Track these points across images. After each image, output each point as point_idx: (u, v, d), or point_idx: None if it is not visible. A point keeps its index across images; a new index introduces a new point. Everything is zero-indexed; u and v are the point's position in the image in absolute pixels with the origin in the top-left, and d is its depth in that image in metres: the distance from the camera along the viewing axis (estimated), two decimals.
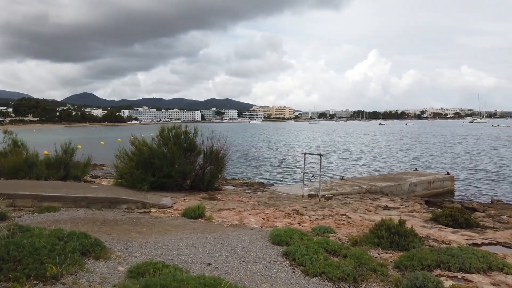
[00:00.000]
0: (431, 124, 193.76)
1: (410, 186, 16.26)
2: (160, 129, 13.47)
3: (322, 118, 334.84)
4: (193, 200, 11.64)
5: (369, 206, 11.44)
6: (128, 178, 12.23)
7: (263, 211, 10.06)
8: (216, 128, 14.72)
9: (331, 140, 66.69)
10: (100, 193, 10.47)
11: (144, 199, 10.68)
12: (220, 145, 14.11)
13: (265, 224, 8.64)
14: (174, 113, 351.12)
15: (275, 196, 12.86)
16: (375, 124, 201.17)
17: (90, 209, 9.80)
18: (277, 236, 6.74)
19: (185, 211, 9.32)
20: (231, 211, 10.09)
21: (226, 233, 7.50)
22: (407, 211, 11.12)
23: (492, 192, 18.44)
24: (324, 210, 10.48)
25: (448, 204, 13.13)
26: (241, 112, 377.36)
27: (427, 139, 68.67)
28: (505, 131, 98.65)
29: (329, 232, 7.69)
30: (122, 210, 10.04)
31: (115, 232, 7.40)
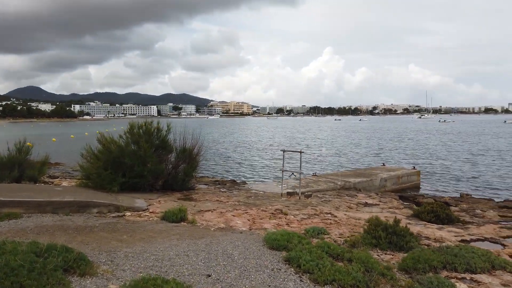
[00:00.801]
0: (382, 120, 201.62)
1: (381, 181, 16.47)
2: (130, 126, 12.62)
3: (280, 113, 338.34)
4: (169, 202, 10.99)
5: (350, 203, 11.35)
6: (96, 179, 11.33)
7: (246, 212, 9.63)
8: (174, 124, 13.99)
9: (292, 136, 67.26)
10: (67, 196, 9.56)
11: (116, 202, 9.89)
12: (193, 142, 13.47)
13: (253, 226, 8.23)
14: (129, 108, 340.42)
15: (252, 195, 12.47)
16: (331, 120, 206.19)
17: (57, 214, 8.90)
18: (274, 241, 6.35)
19: (165, 215, 8.70)
20: (212, 212, 9.57)
21: (216, 238, 7.01)
22: (387, 207, 11.14)
23: (455, 186, 19.15)
24: (307, 209, 10.22)
25: (423, 200, 13.38)
26: (199, 108, 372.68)
27: (383, 134, 71.07)
28: (451, 126, 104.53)
29: (323, 233, 7.41)
30: (93, 214, 9.22)
31: (93, 241, 6.68)
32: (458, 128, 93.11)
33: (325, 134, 73.39)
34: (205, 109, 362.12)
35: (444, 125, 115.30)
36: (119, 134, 12.96)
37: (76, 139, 57.88)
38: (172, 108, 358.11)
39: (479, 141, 49.70)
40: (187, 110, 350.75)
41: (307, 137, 63.93)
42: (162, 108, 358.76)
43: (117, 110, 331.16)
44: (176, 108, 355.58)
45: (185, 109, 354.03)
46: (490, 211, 11.07)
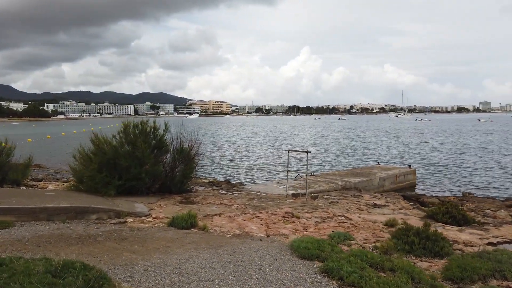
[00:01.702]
0: (360, 119, 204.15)
1: (379, 181, 16.24)
2: (124, 125, 11.86)
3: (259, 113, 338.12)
4: (170, 206, 10.34)
5: (358, 205, 10.98)
6: (89, 182, 10.55)
7: (257, 216, 9.10)
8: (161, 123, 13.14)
9: (275, 136, 66.87)
10: (62, 201, 8.80)
11: (115, 207, 9.19)
12: (191, 142, 12.83)
13: (270, 232, 7.71)
14: (105, 107, 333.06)
15: (255, 197, 11.94)
16: (311, 119, 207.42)
17: (53, 222, 8.15)
18: (304, 249, 5.85)
19: (173, 220, 8.08)
20: (221, 217, 9.00)
21: (236, 247, 6.46)
22: (397, 208, 10.84)
23: (450, 184, 19.14)
24: (318, 212, 9.78)
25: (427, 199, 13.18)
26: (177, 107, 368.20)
27: (364, 133, 71.67)
28: (428, 125, 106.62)
29: (349, 239, 6.97)
30: (92, 221, 8.50)
31: (102, 253, 6.02)
32: (435, 126, 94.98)
33: (307, 133, 73.44)
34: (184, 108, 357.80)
35: (421, 124, 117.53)
36: (112, 134, 12.18)
37: (53, 139, 55.80)
38: (150, 107, 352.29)
39: (461, 139, 50.62)
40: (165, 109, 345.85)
41: (290, 136, 63.74)
42: (139, 107, 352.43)
43: (93, 109, 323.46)
44: (153, 107, 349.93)
45: (163, 108, 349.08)
46: (502, 211, 10.93)
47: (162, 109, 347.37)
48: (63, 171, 23.23)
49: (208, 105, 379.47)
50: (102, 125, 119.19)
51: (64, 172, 22.96)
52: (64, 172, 22.96)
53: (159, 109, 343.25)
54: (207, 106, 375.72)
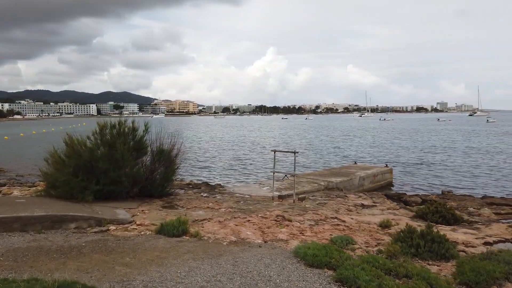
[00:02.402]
0: (327, 118, 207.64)
1: (359, 180, 16.27)
2: (100, 126, 11.13)
3: (226, 112, 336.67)
4: (153, 211, 9.76)
5: (347, 206, 10.83)
6: (65, 188, 9.78)
7: (248, 220, 8.73)
8: None
9: (245, 135, 66.54)
10: (36, 210, 8.04)
11: (96, 214, 8.53)
12: (171, 143, 12.26)
13: (267, 238, 7.36)
14: (65, 107, 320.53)
15: (241, 200, 11.55)
16: (278, 118, 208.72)
17: (27, 232, 7.42)
18: (312, 256, 5.54)
19: (163, 227, 7.55)
20: (210, 222, 8.56)
21: (237, 255, 6.06)
22: (385, 208, 10.78)
23: (425, 182, 19.52)
24: (308, 214, 9.53)
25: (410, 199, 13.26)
26: (142, 106, 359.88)
27: (332, 132, 72.76)
28: (392, 124, 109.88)
29: (351, 243, 6.73)
30: (71, 230, 7.83)
31: (92, 267, 5.46)
32: (399, 126, 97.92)
33: (277, 133, 73.58)
34: (149, 108, 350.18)
35: (385, 123, 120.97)
36: (87, 136, 11.38)
37: (10, 141, 52.73)
38: (113, 107, 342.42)
39: (426, 138, 52.27)
40: (129, 109, 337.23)
41: (260, 136, 63.61)
42: (102, 107, 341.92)
43: (52, 109, 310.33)
44: (117, 107, 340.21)
45: (127, 108, 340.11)
46: (485, 209, 11.13)
47: (126, 108, 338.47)
48: (26, 175, 21.85)
49: (174, 105, 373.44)
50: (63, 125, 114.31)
51: (28, 176, 21.62)
52: (28, 176, 21.62)
53: (123, 109, 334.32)
54: (173, 106, 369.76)
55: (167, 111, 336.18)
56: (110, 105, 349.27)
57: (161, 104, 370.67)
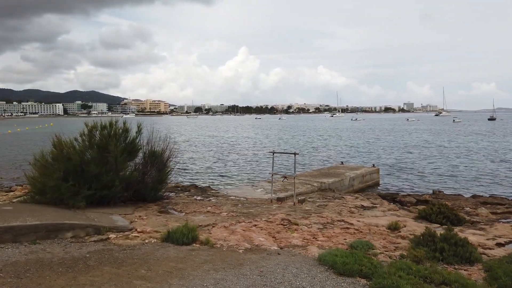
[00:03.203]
0: (299, 118, 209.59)
1: (349, 181, 16.25)
2: (89, 126, 10.50)
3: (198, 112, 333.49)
4: (151, 217, 9.27)
5: (348, 207, 10.69)
6: (54, 193, 9.13)
7: (254, 225, 8.41)
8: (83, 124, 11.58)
9: (220, 135, 65.84)
10: (28, 218, 7.41)
11: (93, 222, 7.98)
12: (163, 144, 11.75)
13: (281, 244, 7.07)
14: (30, 106, 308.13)
15: (238, 203, 11.20)
16: (251, 118, 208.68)
17: (21, 243, 6.81)
18: (342, 264, 5.30)
19: (170, 235, 7.12)
20: (216, 227, 8.18)
21: (259, 264, 5.74)
22: (386, 210, 10.72)
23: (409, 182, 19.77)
24: (313, 217, 9.32)
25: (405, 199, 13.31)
26: (112, 106, 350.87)
27: (307, 132, 73.28)
28: (364, 124, 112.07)
29: (371, 248, 6.54)
30: (68, 240, 7.26)
31: (106, 283, 5.01)
32: (371, 125, 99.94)
33: (252, 133, 73.33)
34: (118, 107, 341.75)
35: (357, 123, 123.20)
36: (74, 137, 10.71)
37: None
38: (81, 106, 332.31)
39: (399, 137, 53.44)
40: (98, 109, 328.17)
41: (236, 136, 63.07)
42: (69, 107, 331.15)
43: (15, 108, 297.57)
44: (85, 107, 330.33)
45: (95, 108, 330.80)
46: (482, 209, 11.29)
47: (95, 108, 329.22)
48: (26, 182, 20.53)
49: (145, 104, 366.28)
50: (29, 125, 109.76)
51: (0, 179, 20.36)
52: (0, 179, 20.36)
53: (91, 109, 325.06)
54: (144, 106, 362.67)
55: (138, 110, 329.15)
56: (77, 104, 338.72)
57: (131, 104, 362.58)
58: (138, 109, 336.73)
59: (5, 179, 20.16)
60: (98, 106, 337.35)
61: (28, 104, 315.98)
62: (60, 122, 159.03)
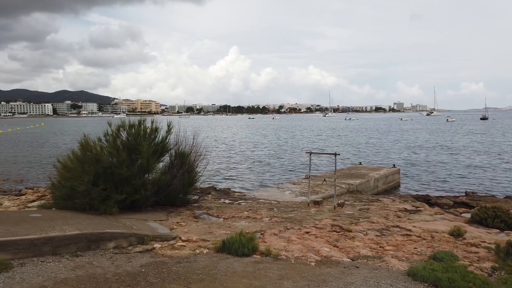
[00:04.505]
0: (291, 118, 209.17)
1: (374, 182, 15.72)
2: (118, 126, 9.76)
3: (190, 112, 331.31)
4: (190, 223, 8.58)
5: (392, 211, 10.10)
6: (84, 198, 8.38)
7: (305, 232, 7.78)
8: (75, 124, 10.81)
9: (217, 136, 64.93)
10: (65, 227, 6.68)
11: (135, 230, 7.27)
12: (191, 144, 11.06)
13: (349, 254, 6.43)
14: (18, 106, 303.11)
15: (273, 207, 10.56)
16: (244, 118, 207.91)
17: (61, 256, 6.09)
18: (448, 281, 4.68)
19: (225, 245, 6.44)
20: (266, 235, 7.52)
21: (346, 281, 5.10)
22: (432, 213, 10.16)
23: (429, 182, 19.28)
24: (363, 222, 8.71)
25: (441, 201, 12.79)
26: (102, 106, 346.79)
27: (304, 132, 72.83)
28: (359, 124, 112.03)
29: (456, 259, 5.95)
30: (110, 251, 6.55)
31: None
32: (366, 125, 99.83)
33: (249, 133, 72.63)
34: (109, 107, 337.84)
35: (352, 123, 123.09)
36: (97, 137, 9.94)
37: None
38: (71, 106, 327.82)
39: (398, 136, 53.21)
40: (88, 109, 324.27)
41: (232, 137, 62.10)
42: (59, 106, 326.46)
43: (3, 108, 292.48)
44: (75, 106, 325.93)
45: (85, 108, 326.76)
46: None
47: (85, 108, 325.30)
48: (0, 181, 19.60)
49: (135, 104, 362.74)
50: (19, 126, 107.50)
51: (2, 182, 19.41)
52: (2, 182, 19.41)
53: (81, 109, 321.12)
54: (135, 105, 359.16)
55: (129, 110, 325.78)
56: (67, 104, 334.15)
57: (121, 104, 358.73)
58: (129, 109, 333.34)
59: (10, 181, 19.22)
60: (88, 106, 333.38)
61: (17, 104, 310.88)
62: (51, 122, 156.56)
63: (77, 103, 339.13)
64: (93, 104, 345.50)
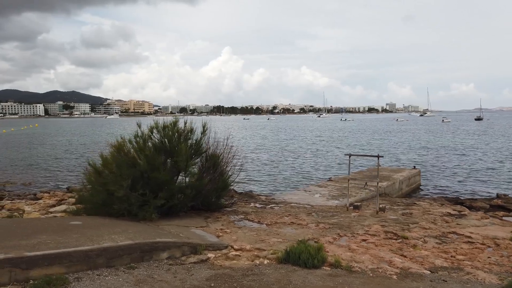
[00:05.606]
0: (286, 119, 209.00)
1: (399, 184, 15.37)
2: (151, 126, 9.27)
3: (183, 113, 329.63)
4: (235, 229, 8.12)
5: (438, 216, 9.71)
6: (122, 204, 7.88)
7: (362, 239, 7.37)
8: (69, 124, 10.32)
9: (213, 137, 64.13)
10: (115, 237, 6.18)
11: (185, 238, 6.78)
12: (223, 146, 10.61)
13: (423, 264, 6.02)
14: (9, 107, 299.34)
15: (310, 211, 10.11)
16: (239, 119, 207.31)
17: (117, 269, 5.59)
18: None
19: (289, 255, 5.99)
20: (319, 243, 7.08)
21: None
22: (479, 217, 9.80)
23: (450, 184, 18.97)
24: (416, 229, 8.31)
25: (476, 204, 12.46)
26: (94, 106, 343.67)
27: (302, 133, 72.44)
28: (356, 124, 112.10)
29: None
30: (165, 262, 6.06)
31: None
32: (363, 126, 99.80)
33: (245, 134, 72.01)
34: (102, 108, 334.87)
35: (348, 123, 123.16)
36: (128, 139, 9.42)
37: None
38: (63, 107, 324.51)
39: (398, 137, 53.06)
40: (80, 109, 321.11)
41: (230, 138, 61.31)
42: (50, 107, 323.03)
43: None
44: (67, 107, 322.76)
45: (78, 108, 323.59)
46: None
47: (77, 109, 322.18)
48: (7, 184, 18.91)
49: (128, 105, 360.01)
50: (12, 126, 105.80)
51: (9, 185, 18.73)
52: (9, 185, 18.73)
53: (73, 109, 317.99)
54: (128, 106, 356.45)
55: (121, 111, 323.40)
56: (59, 105, 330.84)
57: (114, 104, 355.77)
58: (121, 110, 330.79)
59: (18, 184, 18.55)
60: (81, 107, 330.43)
61: (8, 104, 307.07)
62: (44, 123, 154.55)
63: (69, 104, 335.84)
64: (86, 105, 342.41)
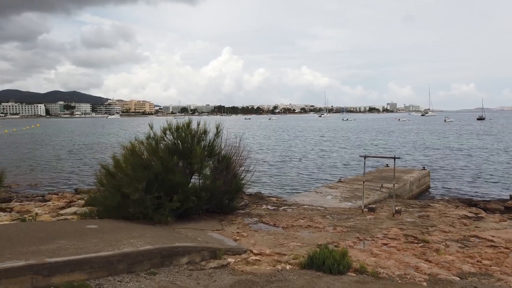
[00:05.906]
0: (288, 119, 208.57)
1: (410, 185, 15.22)
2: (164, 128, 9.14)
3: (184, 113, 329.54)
4: (250, 232, 7.99)
5: (456, 219, 9.56)
6: (138, 207, 7.74)
7: (382, 243, 7.23)
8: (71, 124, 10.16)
9: None
10: (134, 241, 6.04)
11: (204, 243, 6.65)
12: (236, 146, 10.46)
13: (450, 270, 5.87)
14: (10, 107, 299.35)
15: (324, 213, 9.97)
16: (240, 119, 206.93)
17: (137, 274, 5.46)
18: None
19: (313, 261, 5.85)
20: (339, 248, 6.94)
21: None
22: (497, 220, 9.65)
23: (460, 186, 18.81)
24: (436, 232, 8.17)
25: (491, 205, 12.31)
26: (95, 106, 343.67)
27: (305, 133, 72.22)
28: (358, 124, 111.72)
29: None
30: (185, 267, 5.93)
31: None
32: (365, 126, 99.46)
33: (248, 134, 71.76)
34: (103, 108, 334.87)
35: (350, 123, 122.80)
36: (140, 141, 9.27)
37: None
38: (64, 107, 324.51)
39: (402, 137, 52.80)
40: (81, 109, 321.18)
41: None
42: (51, 107, 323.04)
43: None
44: (68, 107, 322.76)
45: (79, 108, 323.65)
46: None
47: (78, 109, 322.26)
48: (13, 185, 18.77)
49: (129, 105, 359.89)
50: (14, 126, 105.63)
51: (15, 186, 18.60)
52: (15, 186, 18.60)
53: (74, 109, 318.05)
54: (128, 106, 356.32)
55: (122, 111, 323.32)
56: (60, 105, 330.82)
57: (115, 104, 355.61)
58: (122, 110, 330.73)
59: (24, 186, 18.42)
60: (82, 107, 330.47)
61: (9, 104, 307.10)
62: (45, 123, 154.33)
63: (70, 104, 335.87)
64: (87, 105, 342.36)
